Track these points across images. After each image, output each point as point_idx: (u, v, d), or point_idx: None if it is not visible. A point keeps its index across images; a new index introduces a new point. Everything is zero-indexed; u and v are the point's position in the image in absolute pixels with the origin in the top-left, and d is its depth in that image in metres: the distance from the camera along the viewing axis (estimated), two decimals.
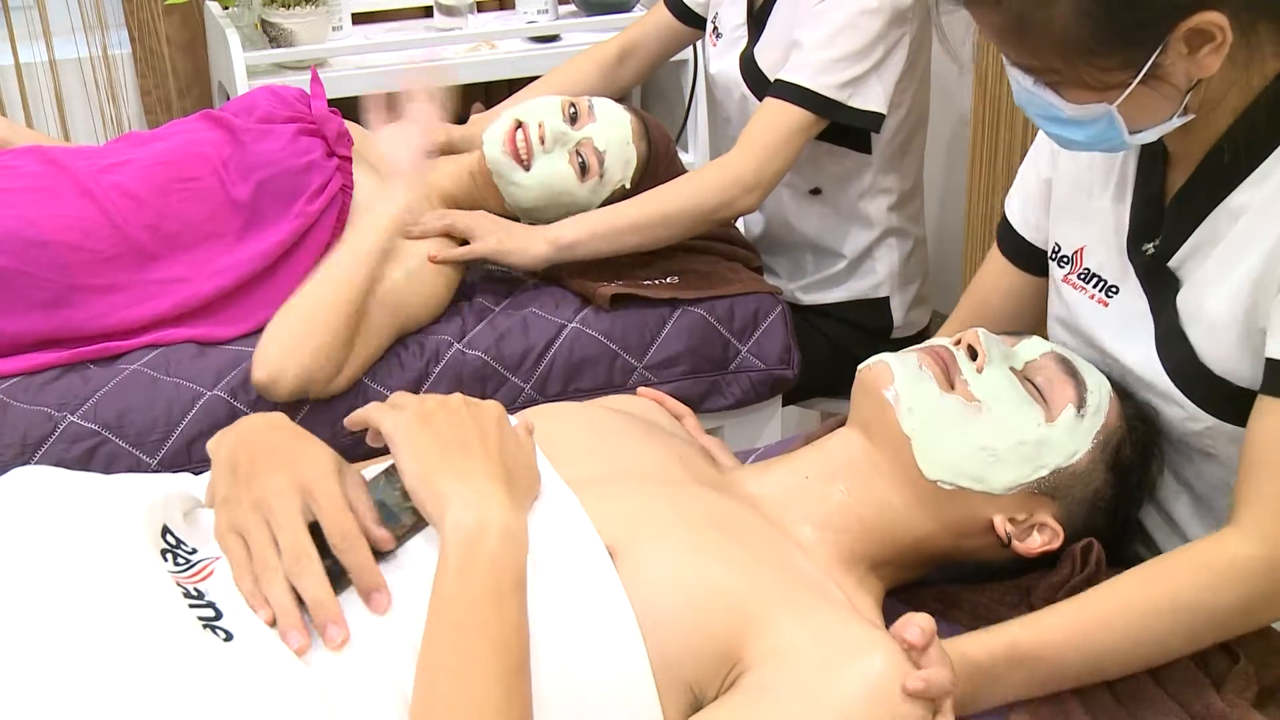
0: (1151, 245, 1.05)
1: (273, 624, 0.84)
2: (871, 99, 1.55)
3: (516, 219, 1.58)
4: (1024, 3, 0.88)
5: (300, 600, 0.84)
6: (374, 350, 1.42)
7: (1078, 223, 1.13)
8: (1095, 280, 1.11)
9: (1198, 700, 0.95)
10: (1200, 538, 1.10)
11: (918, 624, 0.88)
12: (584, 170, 1.55)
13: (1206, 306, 1.01)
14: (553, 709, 0.82)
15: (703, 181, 1.54)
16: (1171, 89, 0.92)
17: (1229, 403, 1.00)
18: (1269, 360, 0.95)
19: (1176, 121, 0.95)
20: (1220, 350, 1.00)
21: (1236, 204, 0.99)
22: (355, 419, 0.94)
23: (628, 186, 1.58)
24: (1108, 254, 1.09)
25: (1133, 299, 1.07)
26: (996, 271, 1.24)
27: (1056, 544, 1.03)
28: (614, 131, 1.56)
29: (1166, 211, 1.04)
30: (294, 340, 1.34)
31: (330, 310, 1.34)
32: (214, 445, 1.00)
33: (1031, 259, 1.21)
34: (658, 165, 1.61)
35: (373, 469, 0.98)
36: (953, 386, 1.03)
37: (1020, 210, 1.21)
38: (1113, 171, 1.10)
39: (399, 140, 1.46)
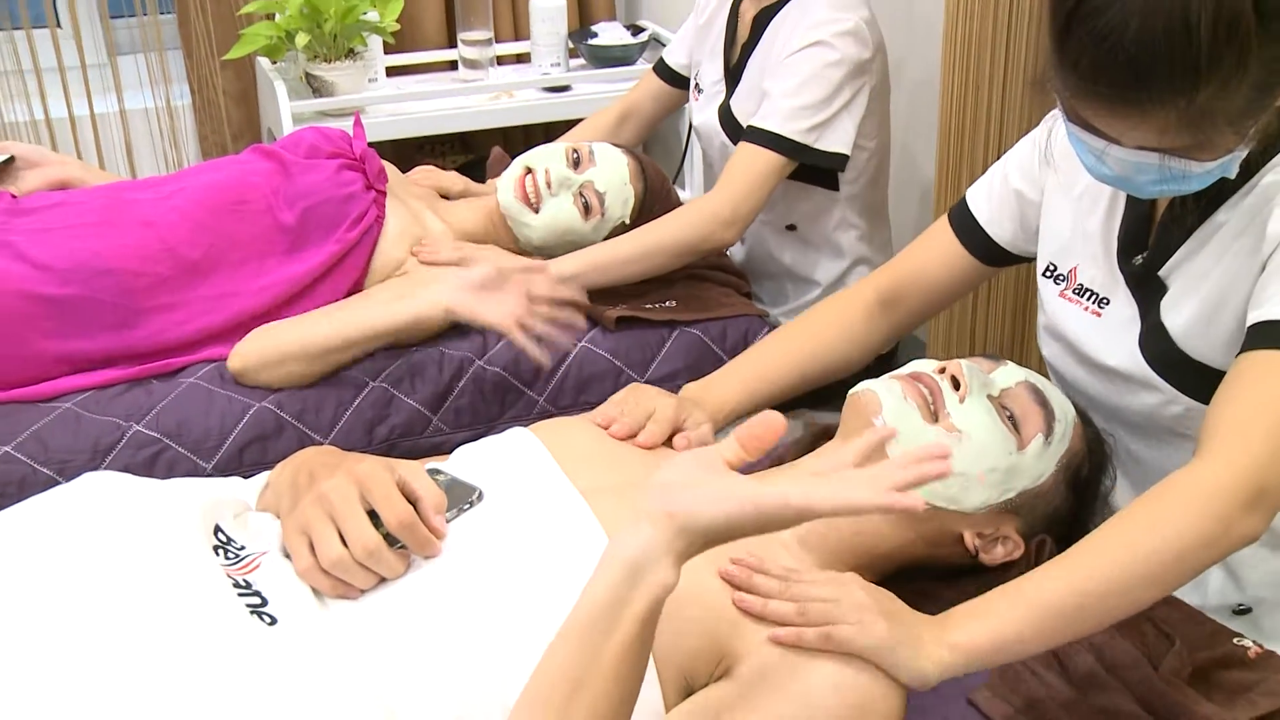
0: (1141, 257, 1.05)
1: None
2: (836, 141, 1.55)
3: (529, 255, 1.58)
4: (1210, 97, 0.83)
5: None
6: (349, 360, 1.42)
7: (1072, 244, 1.12)
8: (1088, 294, 1.10)
9: (1139, 680, 0.95)
10: None
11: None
12: (587, 210, 1.55)
13: (1189, 303, 1.01)
14: None
15: (685, 218, 1.54)
16: (1270, 115, 0.90)
17: (1205, 386, 0.99)
18: (1249, 328, 0.94)
19: (1246, 150, 0.92)
20: (1198, 339, 1.00)
21: (1220, 219, 0.99)
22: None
23: (627, 222, 1.58)
24: (1099, 271, 1.09)
25: (1123, 307, 1.07)
26: (943, 246, 1.24)
27: (1017, 554, 1.03)
28: (613, 174, 1.56)
29: (1157, 227, 1.04)
30: (273, 356, 1.36)
31: (319, 349, 1.36)
32: (275, 474, 1.01)
33: (980, 246, 1.21)
34: (654, 202, 1.60)
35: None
36: (936, 419, 1.02)
37: (987, 207, 1.21)
38: (1102, 197, 1.09)
39: (452, 278, 1.41)
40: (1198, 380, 1.01)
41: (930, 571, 1.07)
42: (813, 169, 1.58)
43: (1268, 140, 0.95)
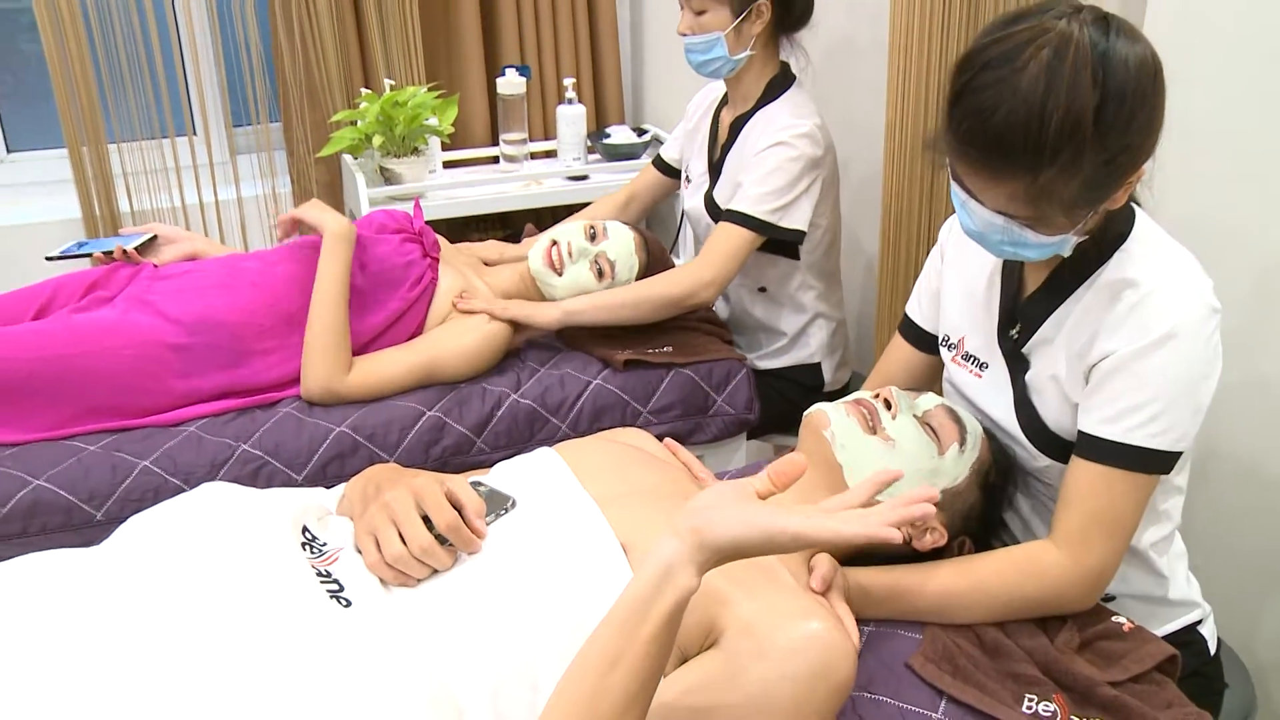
0: (1014, 332, 1.05)
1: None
2: (796, 220, 1.56)
3: None
4: (1050, 179, 0.85)
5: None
6: (399, 376, 1.43)
7: (961, 319, 1.13)
8: (972, 359, 1.10)
9: (1038, 649, 0.96)
10: (1037, 530, 1.11)
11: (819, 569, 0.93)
12: (600, 274, 1.56)
13: (1045, 383, 1.01)
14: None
15: (674, 277, 1.55)
16: (1098, 217, 0.92)
17: (1061, 450, 1.01)
18: (1079, 433, 0.96)
19: (1077, 238, 0.94)
20: (1054, 414, 1.01)
21: (1067, 311, 1.00)
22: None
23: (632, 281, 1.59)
24: (980, 341, 1.10)
25: (998, 372, 1.07)
26: (899, 352, 1.23)
27: (942, 542, 1.03)
28: (621, 246, 1.58)
29: (1021, 309, 1.04)
30: (307, 358, 1.41)
31: (315, 327, 1.41)
32: (350, 486, 1.01)
33: (923, 341, 1.21)
34: (654, 268, 1.62)
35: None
36: (874, 430, 1.03)
37: (917, 309, 1.21)
38: (982, 280, 1.10)
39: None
40: (1054, 445, 1.02)
41: (872, 558, 1.06)
42: (778, 242, 1.59)
43: (1102, 241, 0.96)
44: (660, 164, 1.87)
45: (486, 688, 0.80)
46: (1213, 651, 1.11)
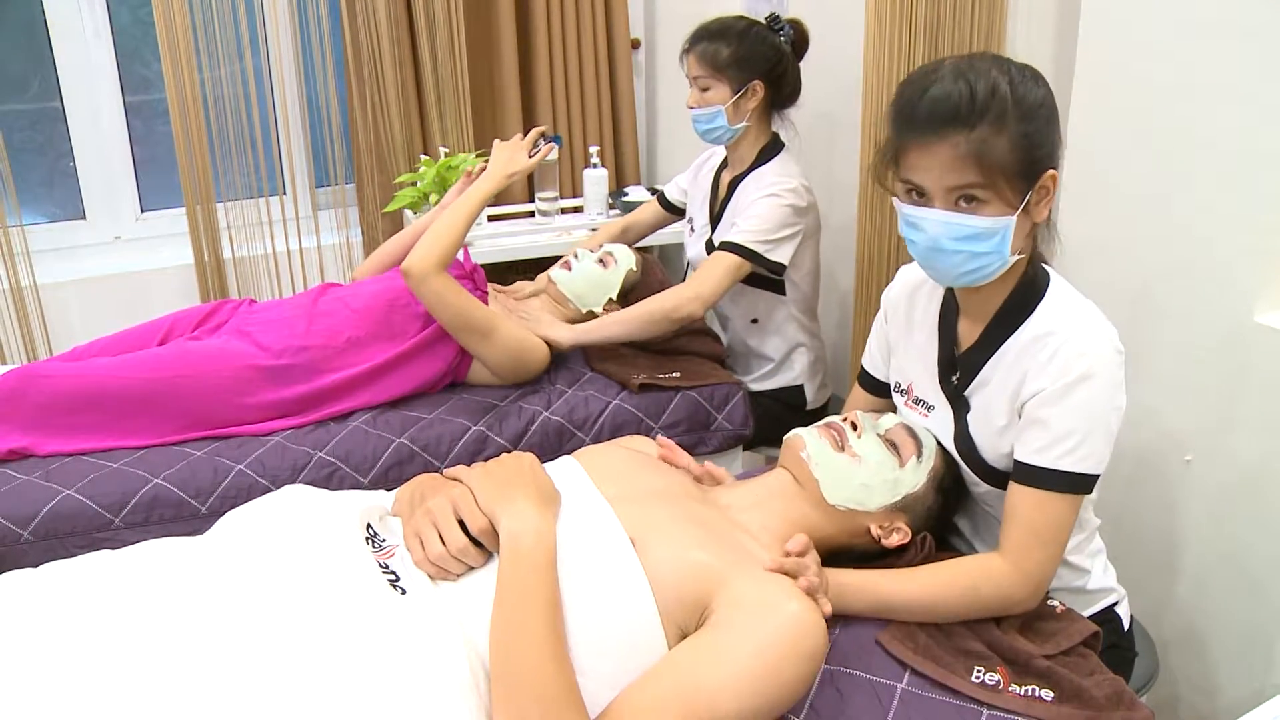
0: (954, 378, 1.04)
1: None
2: (779, 255, 1.57)
3: (576, 314, 1.66)
4: (984, 135, 0.87)
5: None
6: (474, 308, 1.44)
7: (909, 367, 1.12)
8: (920, 402, 1.10)
9: (986, 631, 0.95)
10: (980, 540, 1.11)
11: (796, 540, 0.94)
12: (603, 263, 1.64)
13: (981, 422, 1.01)
14: (594, 644, 0.82)
15: (666, 294, 1.56)
16: (1029, 224, 0.92)
17: (995, 477, 1.01)
18: (1015, 461, 0.96)
19: (1013, 258, 0.94)
20: (989, 448, 1.01)
21: (999, 360, 0.99)
22: (450, 473, 0.96)
23: (633, 268, 1.65)
24: (925, 386, 1.09)
25: (943, 412, 1.07)
26: (857, 398, 1.23)
27: (907, 539, 1.03)
28: (618, 248, 1.68)
29: (961, 358, 1.04)
30: (423, 242, 1.43)
31: (443, 223, 1.44)
32: (400, 491, 1.02)
33: (879, 389, 1.19)
34: (647, 269, 1.70)
35: None
36: (843, 449, 1.02)
37: (869, 361, 1.20)
38: (922, 336, 1.10)
39: (506, 157, 1.54)
40: (989, 473, 1.02)
41: (848, 555, 1.06)
42: (767, 280, 1.60)
43: (1025, 298, 0.96)
44: (664, 201, 1.89)
45: None
46: (1126, 627, 1.11)
